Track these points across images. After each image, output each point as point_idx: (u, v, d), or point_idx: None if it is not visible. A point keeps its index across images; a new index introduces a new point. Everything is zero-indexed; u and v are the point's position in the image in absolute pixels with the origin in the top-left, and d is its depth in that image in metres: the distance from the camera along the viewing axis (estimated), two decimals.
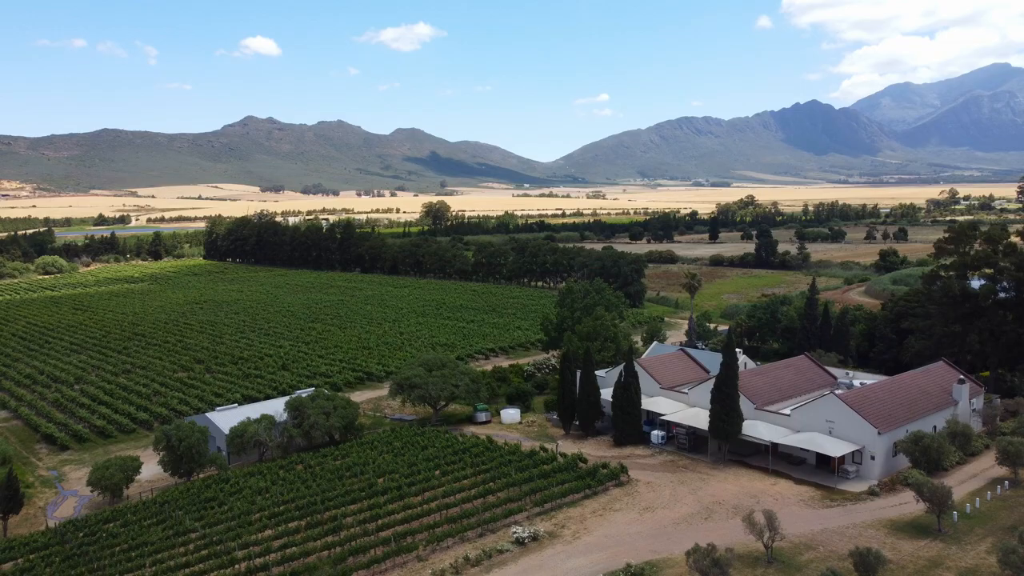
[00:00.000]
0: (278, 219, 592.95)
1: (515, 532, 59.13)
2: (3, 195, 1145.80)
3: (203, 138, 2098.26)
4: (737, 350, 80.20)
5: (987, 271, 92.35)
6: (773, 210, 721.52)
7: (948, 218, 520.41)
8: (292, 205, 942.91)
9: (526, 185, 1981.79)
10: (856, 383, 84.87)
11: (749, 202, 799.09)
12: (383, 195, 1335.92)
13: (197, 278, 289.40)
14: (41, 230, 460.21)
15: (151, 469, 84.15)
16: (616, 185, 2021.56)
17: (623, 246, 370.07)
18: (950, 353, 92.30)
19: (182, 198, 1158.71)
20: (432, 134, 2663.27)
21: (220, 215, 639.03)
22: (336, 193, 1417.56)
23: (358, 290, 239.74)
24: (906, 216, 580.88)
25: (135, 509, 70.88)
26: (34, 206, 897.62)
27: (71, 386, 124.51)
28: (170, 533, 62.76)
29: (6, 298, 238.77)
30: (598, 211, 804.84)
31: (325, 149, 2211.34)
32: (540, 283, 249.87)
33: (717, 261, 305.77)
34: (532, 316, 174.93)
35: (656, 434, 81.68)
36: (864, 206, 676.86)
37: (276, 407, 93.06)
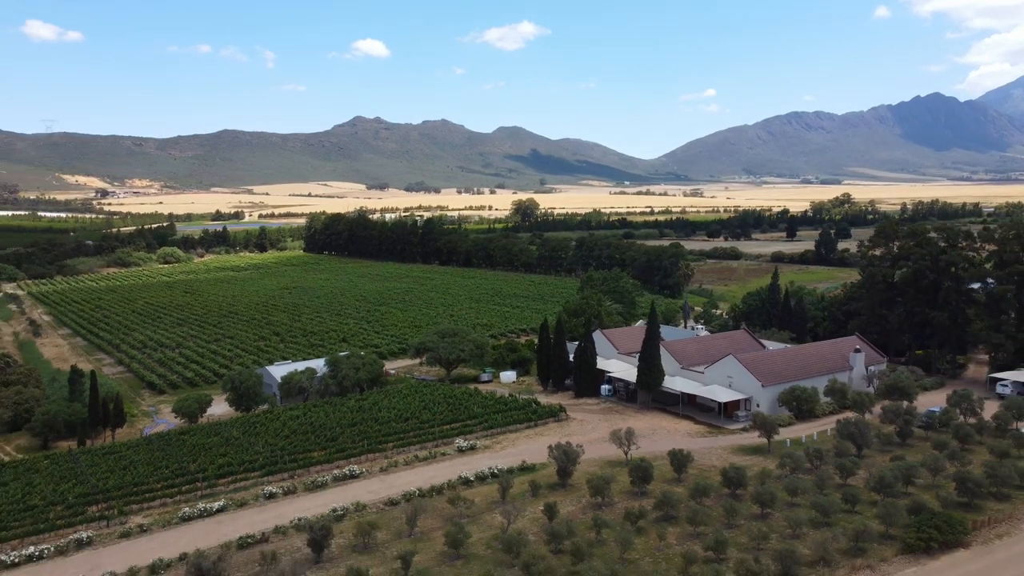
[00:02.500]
0: (376, 216, 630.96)
1: (458, 443, 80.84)
2: (134, 192, 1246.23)
3: (314, 138, 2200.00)
4: (700, 324, 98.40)
5: (907, 263, 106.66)
6: (868, 208, 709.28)
7: None
8: (393, 202, 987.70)
9: (626, 183, 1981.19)
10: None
11: (844, 200, 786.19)
12: (482, 192, 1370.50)
13: (293, 268, 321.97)
14: (163, 224, 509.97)
15: (222, 407, 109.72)
16: (719, 183, 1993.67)
17: (697, 243, 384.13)
18: (877, 332, 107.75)
19: (293, 195, 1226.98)
20: (533, 132, 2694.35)
21: (324, 211, 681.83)
22: (437, 191, 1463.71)
23: (429, 280, 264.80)
24: (1011, 215, 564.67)
25: (202, 428, 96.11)
26: (160, 202, 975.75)
27: (172, 349, 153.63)
28: (221, 440, 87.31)
29: (130, 283, 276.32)
30: (687, 209, 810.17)
31: (429, 148, 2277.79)
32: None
33: (777, 258, 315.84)
34: None
35: (605, 388, 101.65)
36: (964, 205, 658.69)
37: (319, 363, 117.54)
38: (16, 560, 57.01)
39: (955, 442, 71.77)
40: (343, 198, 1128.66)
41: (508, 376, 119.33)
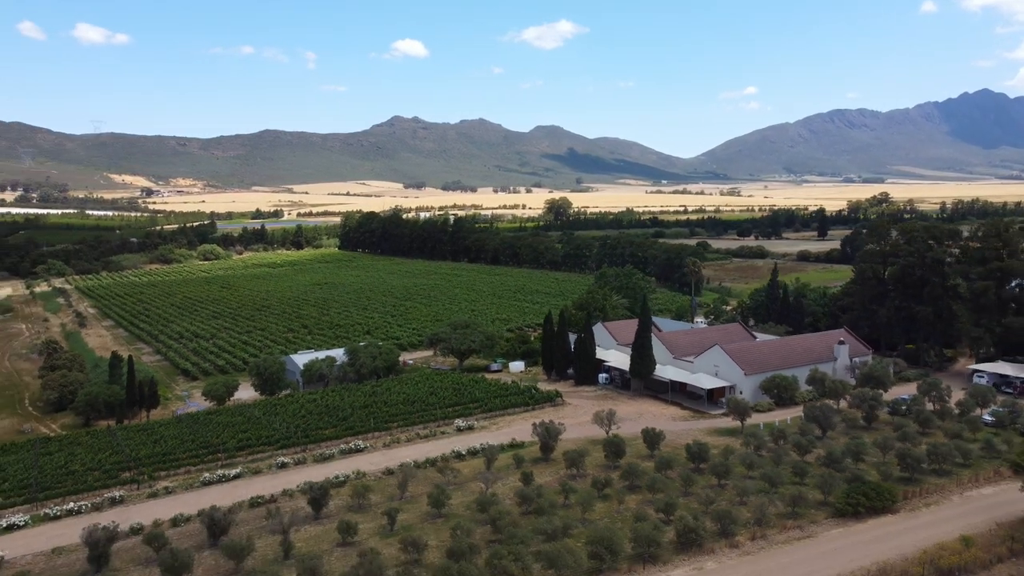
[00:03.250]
0: (410, 214, 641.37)
1: (457, 424, 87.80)
2: (178, 191, 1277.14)
3: (353, 137, 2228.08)
4: (699, 319, 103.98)
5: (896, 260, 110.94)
6: (906, 208, 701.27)
7: None
8: (429, 201, 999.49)
9: (664, 181, 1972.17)
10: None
11: (882, 199, 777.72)
12: (518, 191, 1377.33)
13: (326, 265, 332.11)
14: (205, 223, 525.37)
15: (248, 392, 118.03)
16: (758, 181, 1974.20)
17: (726, 242, 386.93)
18: (868, 326, 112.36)
19: (331, 194, 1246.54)
20: (571, 131, 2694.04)
21: (360, 210, 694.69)
22: (474, 190, 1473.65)
23: (456, 277, 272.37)
24: None
25: (228, 409, 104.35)
26: (203, 201, 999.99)
27: (207, 340, 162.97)
28: (243, 419, 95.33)
29: (171, 278, 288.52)
30: (721, 208, 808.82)
31: (466, 147, 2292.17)
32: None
33: (803, 257, 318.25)
34: None
35: (602, 376, 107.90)
36: (1005, 204, 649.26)
37: (339, 353, 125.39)
38: (58, 514, 65.35)
39: (915, 426, 76.78)
40: (380, 197, 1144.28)
41: (517, 366, 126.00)
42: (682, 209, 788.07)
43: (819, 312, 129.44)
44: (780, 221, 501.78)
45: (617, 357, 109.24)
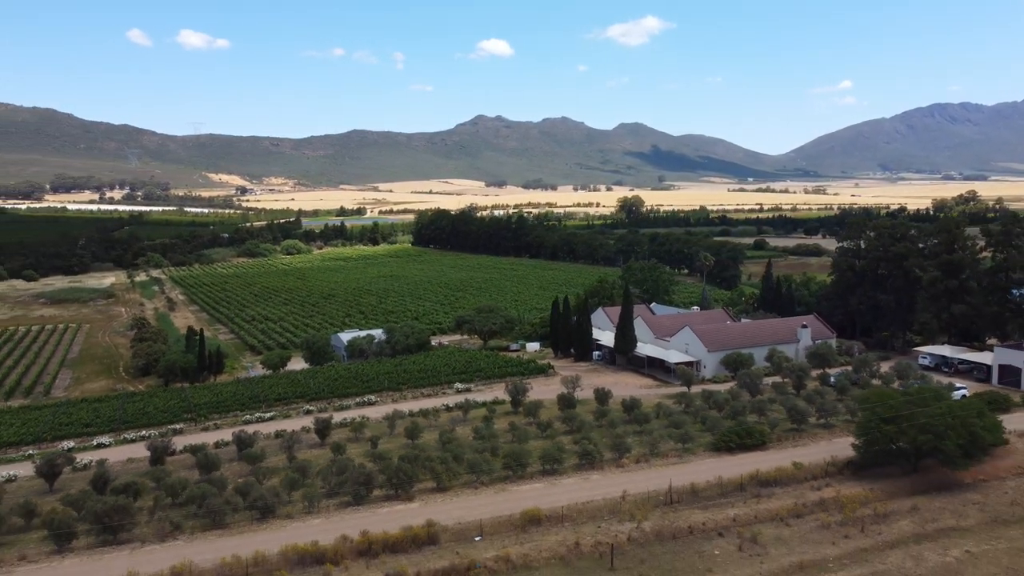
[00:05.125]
0: (485, 212, 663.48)
1: (457, 387, 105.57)
2: (270, 189, 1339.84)
3: (437, 136, 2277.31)
4: (695, 307, 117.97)
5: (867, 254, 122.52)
6: (995, 206, 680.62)
7: None
8: (507, 199, 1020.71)
9: (749, 179, 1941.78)
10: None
11: (969, 197, 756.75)
12: (598, 190, 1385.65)
13: (396, 259, 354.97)
14: (290, 220, 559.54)
15: (300, 363, 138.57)
16: (850, 179, 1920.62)
17: (791, 240, 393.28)
18: (843, 313, 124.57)
19: (414, 192, 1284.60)
20: (655, 128, 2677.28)
21: (437, 207, 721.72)
22: (554, 188, 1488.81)
23: (513, 271, 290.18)
24: None
25: (280, 375, 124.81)
26: (292, 199, 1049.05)
27: (275, 322, 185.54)
28: (288, 381, 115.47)
29: (253, 270, 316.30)
30: (799, 206, 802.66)
31: (548, 145, 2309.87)
32: (668, 267, 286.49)
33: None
34: None
35: (596, 354, 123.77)
36: None
37: (379, 332, 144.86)
38: (133, 438, 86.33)
39: (833, 392, 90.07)
40: (461, 195, 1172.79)
41: (533, 346, 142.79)
42: (757, 207, 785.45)
43: (811, 302, 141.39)
44: (849, 220, 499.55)
45: (609, 337, 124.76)
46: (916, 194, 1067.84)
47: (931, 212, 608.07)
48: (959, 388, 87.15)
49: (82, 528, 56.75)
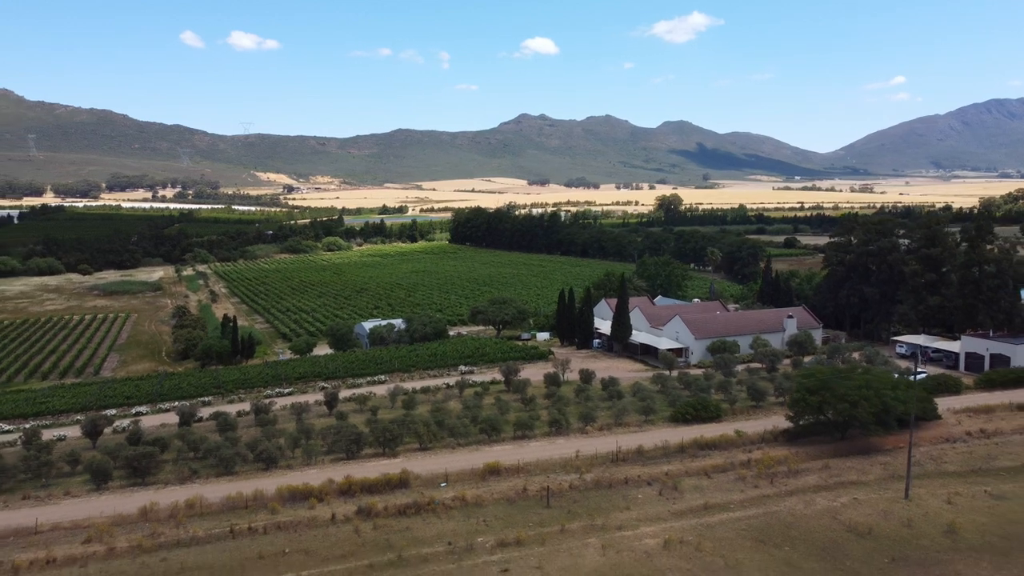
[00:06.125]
0: (523, 210, 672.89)
1: (461, 368, 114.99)
2: (316, 188, 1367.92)
3: (481, 135, 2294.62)
4: (696, 299, 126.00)
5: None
6: None
7: None
8: (546, 197, 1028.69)
9: (796, 177, 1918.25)
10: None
11: (1019, 195, 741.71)
12: (640, 188, 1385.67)
13: (431, 256, 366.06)
14: (333, 218, 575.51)
15: (325, 349, 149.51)
16: (901, 177, 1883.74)
17: (822, 238, 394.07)
18: (833, 306, 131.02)
19: (457, 190, 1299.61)
20: (700, 126, 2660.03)
21: (478, 206, 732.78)
22: (596, 186, 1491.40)
23: (541, 268, 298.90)
24: None
25: (305, 358, 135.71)
26: (337, 197, 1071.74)
27: (308, 313, 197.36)
28: (311, 363, 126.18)
29: (294, 266, 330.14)
30: (840, 204, 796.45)
31: (591, 143, 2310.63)
32: (692, 264, 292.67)
33: None
34: None
35: (595, 342, 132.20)
36: None
37: (399, 321, 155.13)
38: (167, 408, 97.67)
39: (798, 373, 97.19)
40: (503, 193, 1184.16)
41: (543, 336, 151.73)
42: (798, 206, 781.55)
43: (809, 296, 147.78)
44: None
45: (609, 327, 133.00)
46: (966, 192, 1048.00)
47: (975, 211, 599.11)
48: (920, 373, 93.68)
49: (117, 472, 67.53)
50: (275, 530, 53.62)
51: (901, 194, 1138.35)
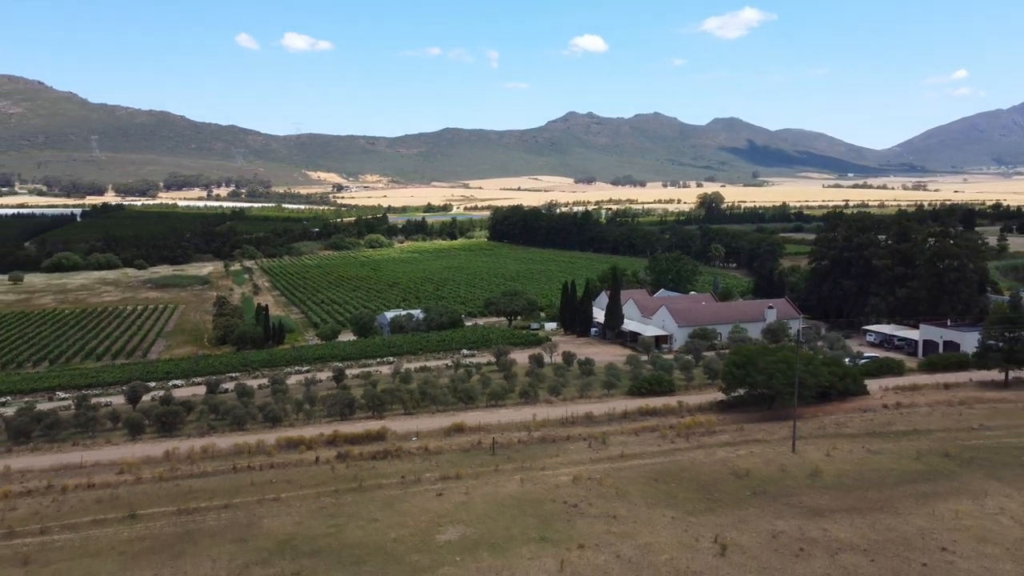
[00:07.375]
0: (565, 208, 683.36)
1: (463, 352, 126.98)
2: (365, 187, 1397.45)
3: (528, 134, 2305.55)
4: (691, 291, 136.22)
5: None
6: None
7: None
8: (594, 196, 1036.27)
9: (849, 175, 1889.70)
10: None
11: None
12: (688, 186, 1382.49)
13: (467, 253, 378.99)
14: (378, 216, 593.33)
15: (349, 336, 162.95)
16: (960, 174, 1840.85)
17: None
18: (817, 298, 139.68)
19: (504, 189, 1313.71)
20: (751, 123, 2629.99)
21: (520, 204, 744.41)
22: (643, 184, 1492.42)
23: (569, 264, 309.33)
24: None
25: (329, 343, 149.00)
26: (385, 196, 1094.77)
27: (340, 305, 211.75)
28: (332, 347, 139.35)
29: (335, 262, 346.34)
30: (887, 203, 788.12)
31: (639, 141, 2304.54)
32: (717, 261, 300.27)
33: None
34: None
35: (593, 330, 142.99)
36: None
37: (418, 311, 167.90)
38: (199, 382, 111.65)
39: None
40: (549, 192, 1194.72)
41: (551, 325, 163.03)
42: (843, 204, 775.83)
43: (801, 288, 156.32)
44: (924, 217, 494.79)
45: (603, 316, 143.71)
46: (1021, 190, 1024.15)
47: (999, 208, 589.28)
48: (867, 357, 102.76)
49: (149, 428, 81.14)
50: (268, 468, 66.27)
51: (956, 192, 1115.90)
